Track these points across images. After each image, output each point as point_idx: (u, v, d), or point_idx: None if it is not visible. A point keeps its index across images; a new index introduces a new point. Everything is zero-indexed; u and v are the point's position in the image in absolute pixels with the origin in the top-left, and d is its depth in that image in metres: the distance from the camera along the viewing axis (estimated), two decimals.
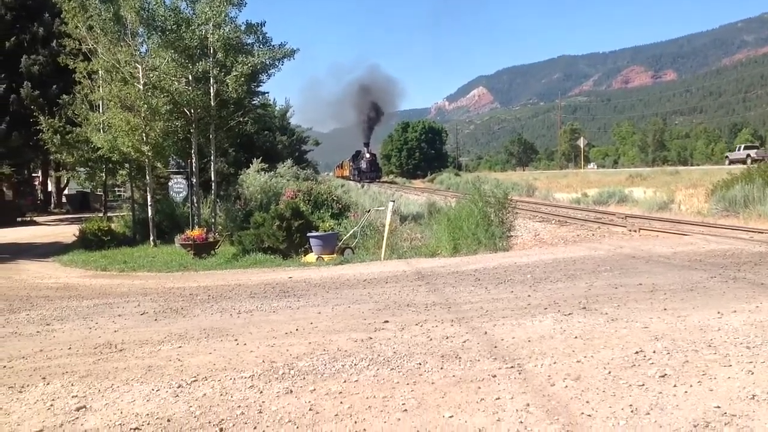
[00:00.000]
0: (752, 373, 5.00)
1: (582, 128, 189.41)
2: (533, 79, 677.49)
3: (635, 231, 17.08)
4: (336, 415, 4.69)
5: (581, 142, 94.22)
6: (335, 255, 15.36)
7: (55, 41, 32.01)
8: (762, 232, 15.23)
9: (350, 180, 74.66)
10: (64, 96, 26.14)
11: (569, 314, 7.29)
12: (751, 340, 5.86)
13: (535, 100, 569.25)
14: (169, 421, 4.71)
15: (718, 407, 4.41)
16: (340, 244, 16.08)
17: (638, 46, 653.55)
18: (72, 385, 5.61)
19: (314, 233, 16.04)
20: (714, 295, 8.01)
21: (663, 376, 5.02)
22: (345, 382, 5.33)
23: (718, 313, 6.97)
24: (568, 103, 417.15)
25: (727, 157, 68.90)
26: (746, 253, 11.70)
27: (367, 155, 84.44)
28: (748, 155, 58.06)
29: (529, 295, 8.65)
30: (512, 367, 5.45)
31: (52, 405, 5.17)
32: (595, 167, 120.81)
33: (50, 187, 49.65)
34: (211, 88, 18.73)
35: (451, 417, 4.53)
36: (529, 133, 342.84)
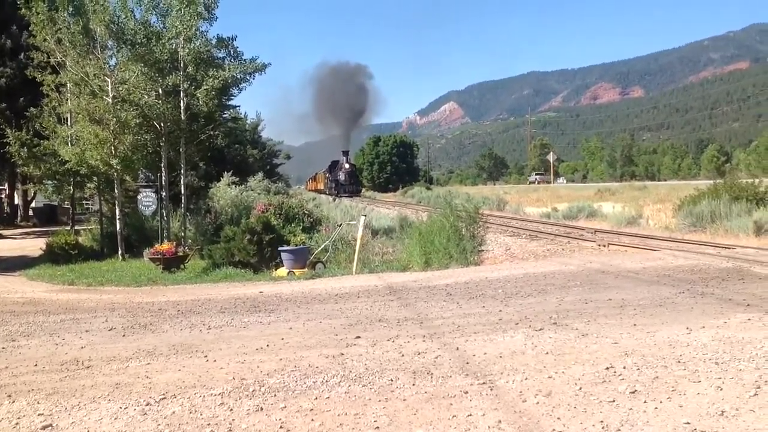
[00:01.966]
0: (721, 389, 5.05)
1: (551, 143, 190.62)
2: (503, 95, 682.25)
3: (604, 246, 17.21)
4: None
5: (551, 157, 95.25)
6: (306, 269, 15.29)
7: (23, 54, 31.62)
8: (728, 248, 15.41)
9: (325, 194, 68.89)
10: (32, 109, 25.78)
11: (540, 330, 7.32)
12: (720, 356, 5.92)
13: (505, 116, 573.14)
14: None
15: (688, 423, 4.44)
16: (311, 258, 16.01)
17: (606, 63, 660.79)
18: (38, 402, 5.53)
19: (285, 247, 15.95)
20: (682, 311, 8.08)
21: (633, 392, 5.06)
22: (316, 399, 5.30)
23: (687, 328, 7.04)
24: (537, 118, 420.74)
25: (528, 178, 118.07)
26: (713, 269, 11.83)
27: (347, 165, 74.33)
28: (536, 179, 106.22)
29: (500, 310, 8.67)
30: (484, 383, 5.46)
31: (17, 423, 5.09)
32: (565, 182, 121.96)
33: (17, 200, 48.94)
34: (182, 101, 18.64)
35: None
36: (500, 147, 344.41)
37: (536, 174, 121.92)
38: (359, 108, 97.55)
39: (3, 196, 49.72)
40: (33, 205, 48.85)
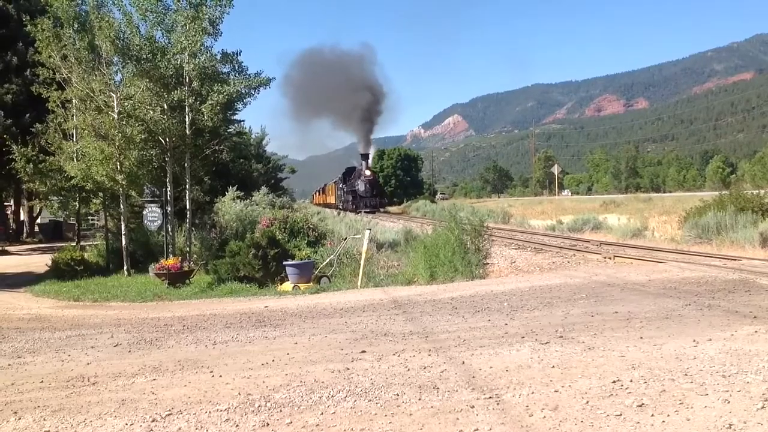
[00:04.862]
0: (728, 402, 5.02)
1: (556, 156, 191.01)
2: (508, 107, 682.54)
3: (610, 258, 17.17)
4: None
5: (555, 170, 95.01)
6: (312, 283, 15.29)
7: (28, 70, 31.86)
8: (734, 259, 15.37)
9: (338, 209, 58.41)
10: (38, 125, 25.94)
11: (546, 343, 7.30)
12: (727, 368, 5.89)
13: (509, 128, 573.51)
14: None
15: None
16: (316, 272, 16.01)
17: (610, 75, 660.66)
18: (44, 419, 5.52)
19: (290, 262, 15.96)
20: (689, 323, 8.05)
21: (640, 406, 5.03)
22: (322, 414, 5.28)
23: (694, 341, 7.01)
24: (542, 130, 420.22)
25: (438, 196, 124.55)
26: (720, 281, 11.80)
27: (367, 173, 59.67)
28: (441, 197, 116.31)
29: (506, 324, 8.65)
30: (490, 397, 5.43)
31: None
32: (569, 194, 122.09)
33: (23, 216, 49.11)
34: (187, 116, 18.70)
35: None
36: (504, 160, 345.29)
37: (440, 194, 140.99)
38: (376, 97, 78.44)
39: (9, 212, 49.88)
40: (39, 221, 49.04)
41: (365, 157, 62.95)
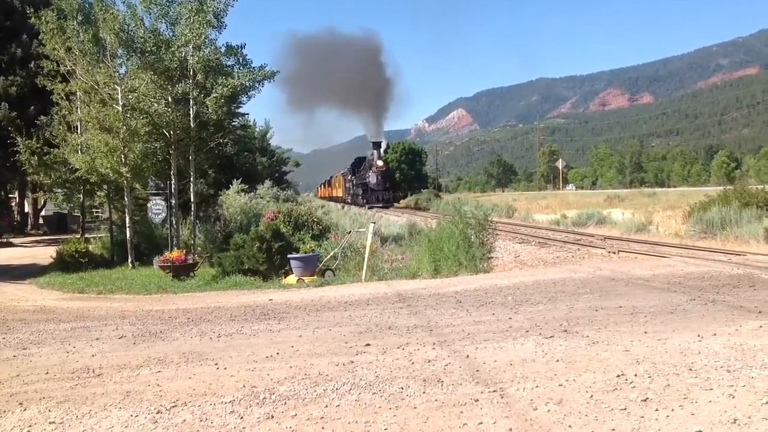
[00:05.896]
0: (733, 397, 5.01)
1: (560, 150, 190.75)
2: (512, 101, 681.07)
3: (614, 253, 17.15)
4: None
5: (560, 164, 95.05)
6: (316, 277, 15.29)
7: (33, 62, 31.86)
8: (739, 254, 15.34)
9: (347, 203, 55.57)
10: (42, 117, 25.98)
11: (551, 337, 7.29)
12: (732, 363, 5.88)
13: (514, 122, 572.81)
14: None
15: (700, 431, 4.41)
16: (320, 265, 16.00)
17: (615, 69, 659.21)
18: (49, 410, 5.54)
19: (295, 255, 15.95)
20: (694, 318, 8.04)
21: (645, 400, 5.03)
22: (326, 407, 5.29)
23: (698, 336, 7.00)
24: (546, 125, 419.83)
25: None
26: (724, 276, 11.77)
27: (379, 163, 54.51)
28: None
29: (510, 318, 8.65)
30: (494, 391, 5.43)
31: (29, 431, 5.09)
32: (574, 188, 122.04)
33: (27, 209, 49.14)
34: (191, 109, 18.69)
35: None
36: (509, 154, 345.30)
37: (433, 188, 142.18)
38: (387, 81, 72.13)
39: (13, 204, 49.92)
40: (43, 213, 49.07)
41: (377, 145, 56.55)
